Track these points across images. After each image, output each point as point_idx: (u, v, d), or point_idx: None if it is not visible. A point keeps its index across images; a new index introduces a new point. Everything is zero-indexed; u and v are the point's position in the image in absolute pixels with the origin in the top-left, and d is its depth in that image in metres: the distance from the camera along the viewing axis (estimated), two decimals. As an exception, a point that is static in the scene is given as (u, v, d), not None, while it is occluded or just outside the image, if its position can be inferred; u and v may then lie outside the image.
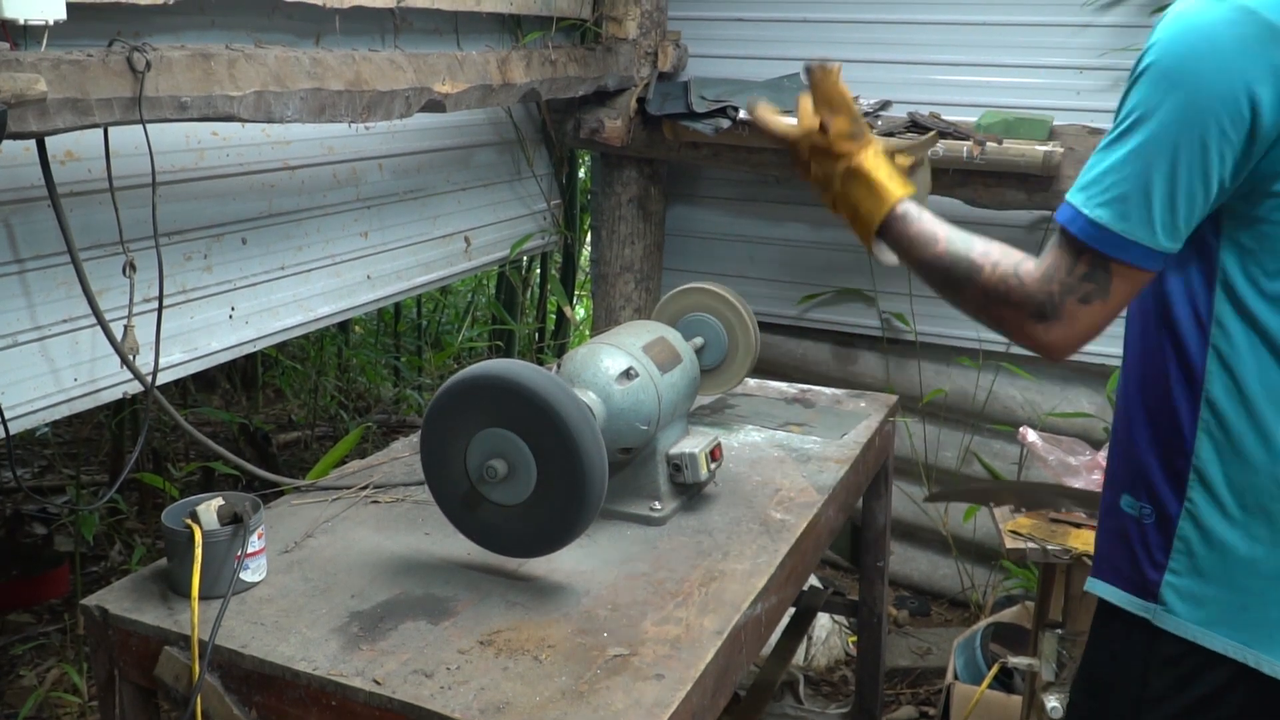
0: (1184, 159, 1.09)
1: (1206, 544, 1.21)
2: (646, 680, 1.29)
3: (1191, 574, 1.22)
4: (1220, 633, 1.20)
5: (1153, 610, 1.25)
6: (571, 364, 1.70)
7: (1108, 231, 1.12)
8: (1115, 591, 1.30)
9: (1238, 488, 1.19)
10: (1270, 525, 1.17)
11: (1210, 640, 1.21)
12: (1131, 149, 1.12)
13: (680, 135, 3.28)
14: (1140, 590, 1.26)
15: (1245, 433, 1.18)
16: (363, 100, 2.28)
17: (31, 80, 1.54)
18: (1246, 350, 1.17)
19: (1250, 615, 1.19)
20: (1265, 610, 1.19)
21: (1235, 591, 1.20)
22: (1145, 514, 1.26)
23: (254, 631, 1.38)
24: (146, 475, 3.32)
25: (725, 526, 1.74)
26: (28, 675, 2.99)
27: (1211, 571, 1.21)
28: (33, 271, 1.95)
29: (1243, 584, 1.19)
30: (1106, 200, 1.13)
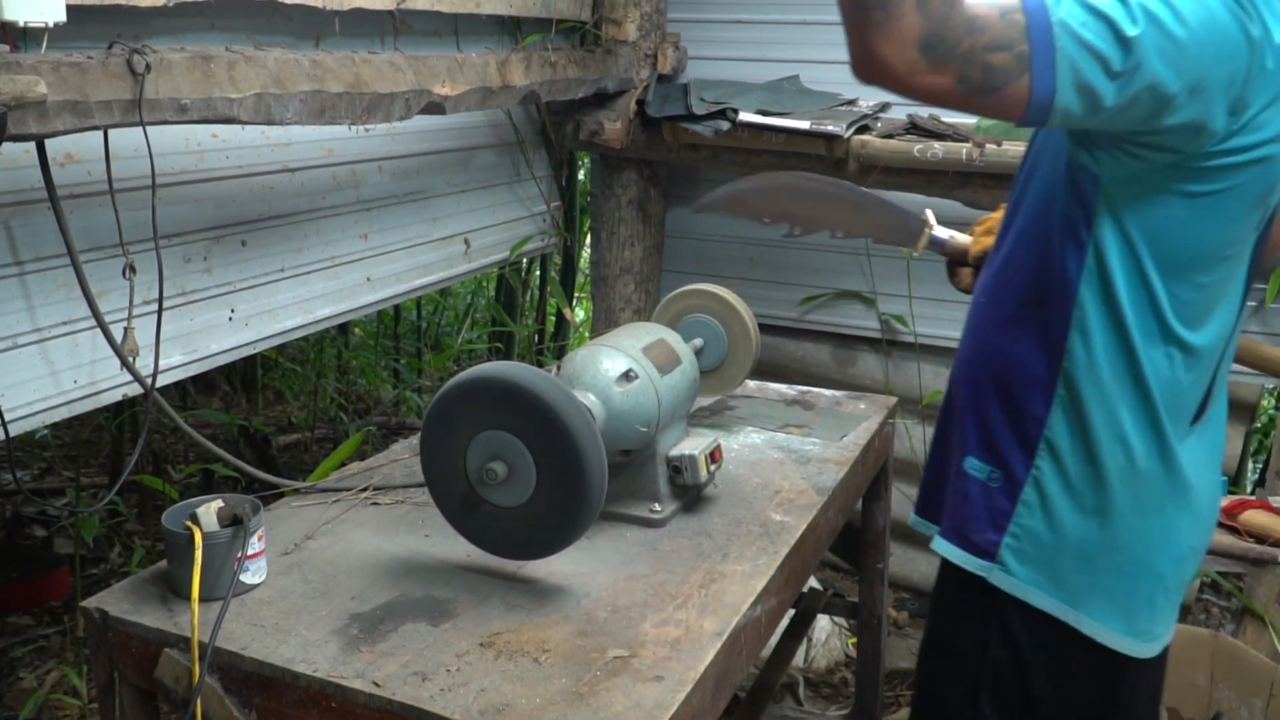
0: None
1: (1045, 510, 1.30)
2: (646, 682, 1.29)
3: (1029, 537, 1.31)
4: (1049, 593, 1.30)
5: (989, 569, 1.32)
6: (571, 366, 1.70)
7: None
8: (957, 552, 1.37)
9: (1082, 459, 1.27)
10: (1104, 496, 1.27)
11: (1040, 600, 1.30)
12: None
13: (680, 137, 3.28)
14: (980, 551, 1.34)
15: (1095, 409, 1.25)
16: (362, 102, 2.28)
17: (31, 82, 1.54)
18: (1102, 331, 1.23)
19: (1076, 578, 1.30)
20: (1090, 575, 1.29)
21: (1065, 555, 1.29)
22: (993, 477, 1.33)
23: (254, 633, 1.38)
24: (146, 477, 3.32)
25: (725, 528, 1.74)
26: (27, 677, 2.99)
27: (1047, 536, 1.30)
28: (32, 274, 1.95)
29: (1073, 549, 1.29)
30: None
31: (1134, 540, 1.30)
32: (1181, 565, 1.36)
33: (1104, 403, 1.26)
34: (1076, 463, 1.28)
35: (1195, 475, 1.31)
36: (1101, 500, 1.28)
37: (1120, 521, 1.29)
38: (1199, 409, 1.31)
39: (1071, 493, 1.29)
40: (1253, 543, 2.10)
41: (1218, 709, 2.63)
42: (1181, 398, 1.27)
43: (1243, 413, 3.18)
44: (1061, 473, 1.29)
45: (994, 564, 1.33)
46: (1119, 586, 1.31)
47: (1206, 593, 3.63)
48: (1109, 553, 1.29)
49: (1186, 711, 2.67)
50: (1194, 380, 1.27)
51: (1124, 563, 1.30)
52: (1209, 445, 1.35)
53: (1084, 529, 1.29)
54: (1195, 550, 1.38)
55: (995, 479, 1.34)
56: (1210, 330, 1.26)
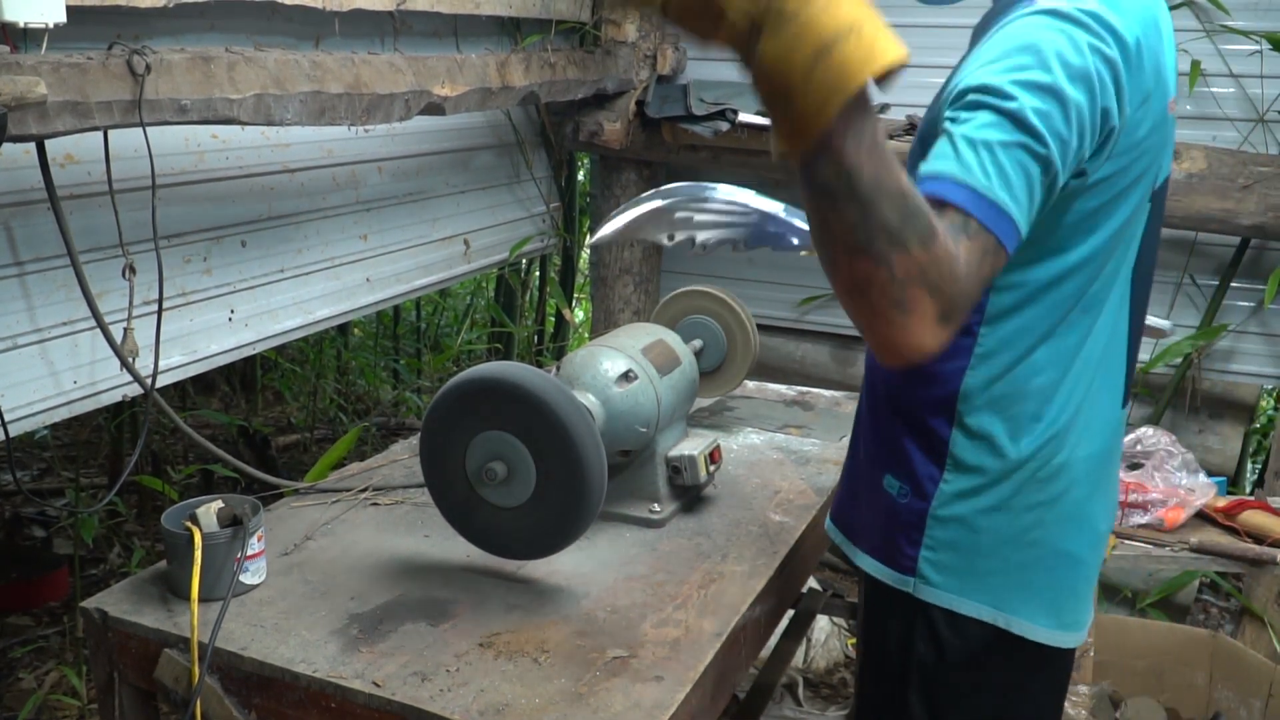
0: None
1: (956, 518, 1.30)
2: (646, 682, 1.29)
3: (944, 547, 1.32)
4: (974, 599, 1.31)
5: (912, 584, 1.34)
6: (571, 366, 1.70)
7: (992, 203, 1.02)
8: (879, 567, 1.39)
9: (985, 470, 1.28)
10: (1013, 492, 1.28)
11: (967, 607, 1.31)
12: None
13: (679, 138, 3.29)
14: (900, 566, 1.36)
15: (993, 421, 1.27)
16: (362, 103, 2.29)
17: (31, 83, 1.54)
18: (1001, 345, 1.26)
19: (998, 580, 1.30)
20: (1011, 574, 1.30)
21: (982, 559, 1.30)
22: (903, 493, 1.35)
23: (253, 634, 1.38)
24: (146, 478, 3.32)
25: (724, 529, 1.74)
26: (27, 678, 2.99)
27: (962, 542, 1.31)
28: (32, 274, 1.95)
29: (989, 551, 1.30)
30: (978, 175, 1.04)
31: (1047, 531, 1.30)
32: (1098, 549, 1.38)
33: (1001, 414, 1.27)
34: (979, 473, 1.29)
35: (1096, 459, 1.32)
36: (1010, 496, 1.29)
37: (1030, 515, 1.29)
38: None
39: (978, 495, 1.29)
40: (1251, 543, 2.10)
41: (1217, 709, 2.63)
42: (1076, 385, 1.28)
43: (1241, 413, 3.19)
44: (967, 478, 1.30)
45: (914, 578, 1.34)
46: (1040, 580, 1.32)
47: (1205, 593, 3.63)
48: (1026, 548, 1.30)
49: (1185, 712, 2.67)
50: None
51: (1043, 555, 1.31)
52: (1104, 424, 1.35)
53: (996, 528, 1.30)
54: (1106, 534, 1.40)
55: (904, 494, 1.35)
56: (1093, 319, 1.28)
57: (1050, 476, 1.28)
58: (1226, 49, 2.93)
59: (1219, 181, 2.80)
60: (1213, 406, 3.18)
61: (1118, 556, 2.07)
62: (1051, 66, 1.04)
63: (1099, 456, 1.32)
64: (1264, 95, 2.93)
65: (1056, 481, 1.29)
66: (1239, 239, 2.96)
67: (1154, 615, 3.05)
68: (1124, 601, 3.19)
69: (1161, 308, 3.12)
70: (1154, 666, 2.71)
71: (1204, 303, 3.09)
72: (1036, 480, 1.28)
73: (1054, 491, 1.29)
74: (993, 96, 1.05)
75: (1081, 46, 1.06)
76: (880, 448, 1.40)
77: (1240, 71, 2.95)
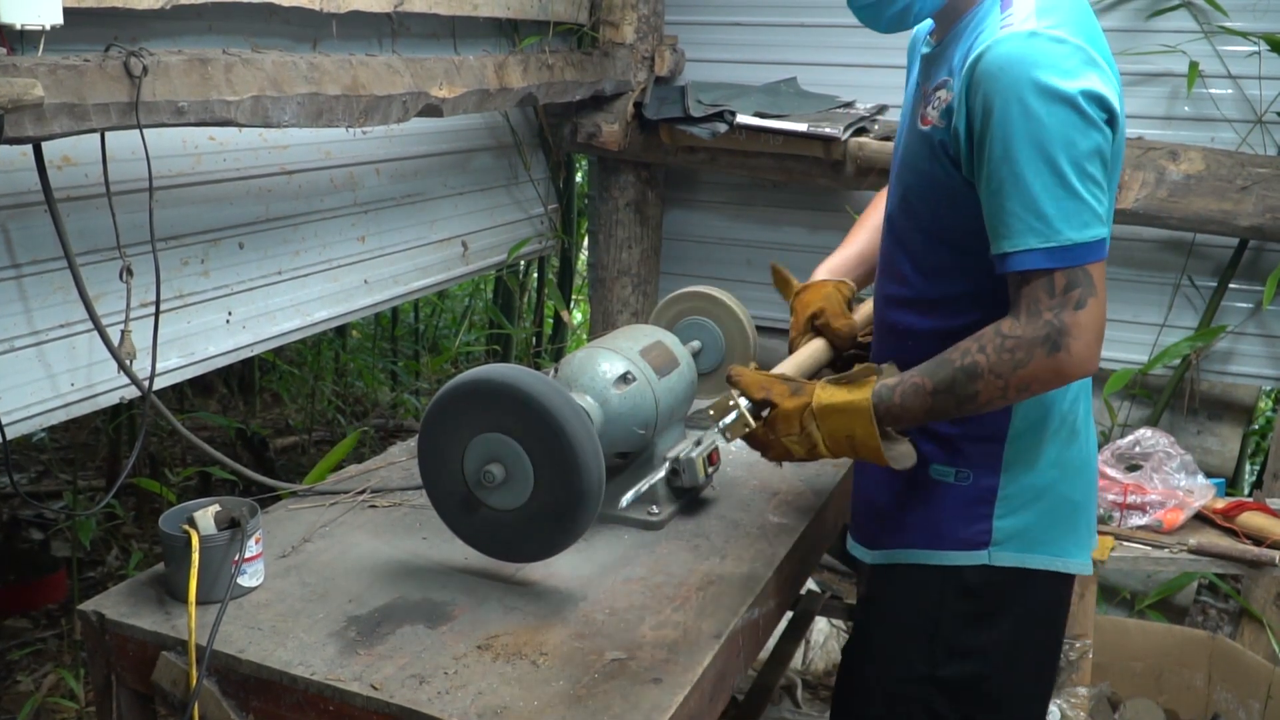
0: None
1: (1025, 486, 1.43)
2: (644, 684, 1.29)
3: (1016, 512, 1.44)
4: (1040, 552, 1.45)
5: (987, 554, 1.45)
6: (569, 368, 1.70)
7: (1076, 246, 1.23)
8: (944, 554, 1.47)
9: (1035, 432, 1.42)
10: (1058, 450, 1.44)
11: (1034, 561, 1.45)
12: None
13: (677, 139, 3.29)
14: (970, 543, 1.45)
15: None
16: (360, 105, 2.28)
17: (28, 85, 1.54)
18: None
19: (1057, 530, 1.45)
20: (1061, 523, 1.46)
21: (1046, 515, 1.45)
22: (962, 476, 1.45)
23: (251, 636, 1.38)
24: (144, 480, 3.32)
25: (723, 530, 1.74)
26: (25, 681, 2.98)
27: (1030, 506, 1.44)
28: (29, 277, 1.95)
29: (1050, 509, 1.45)
30: (1060, 224, 1.23)
31: (1081, 478, 1.49)
32: (1096, 481, 1.57)
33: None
34: (1031, 436, 1.43)
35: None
36: (1059, 455, 1.45)
37: (1074, 465, 1.47)
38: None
39: (1037, 463, 1.43)
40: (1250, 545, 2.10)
41: (1215, 711, 2.63)
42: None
43: (1240, 414, 3.18)
44: (1023, 450, 1.43)
45: (989, 549, 1.45)
46: (1077, 521, 1.49)
47: (1204, 595, 3.63)
48: (1067, 498, 1.46)
49: (1184, 713, 2.67)
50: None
51: (1079, 501, 1.48)
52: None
53: (1053, 484, 1.45)
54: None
55: (964, 477, 1.45)
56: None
57: (1075, 428, 1.46)
58: (1225, 50, 2.93)
59: (1217, 183, 2.80)
60: (1211, 408, 3.18)
61: (1116, 558, 2.07)
62: (1066, 175, 1.22)
63: (1090, 403, 1.51)
64: (1262, 96, 2.93)
65: (1078, 434, 1.46)
66: (1237, 240, 2.96)
67: (1153, 617, 3.05)
68: (1123, 603, 3.19)
69: (1160, 309, 3.12)
70: (1153, 668, 2.71)
71: (1202, 304, 3.09)
72: (1072, 432, 1.45)
73: (1078, 442, 1.47)
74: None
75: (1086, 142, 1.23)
76: (926, 443, 1.47)
77: (1238, 73, 2.95)
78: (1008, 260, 1.25)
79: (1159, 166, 2.84)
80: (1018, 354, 1.24)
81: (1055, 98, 1.20)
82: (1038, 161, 1.21)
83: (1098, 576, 2.06)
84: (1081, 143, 1.21)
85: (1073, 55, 1.22)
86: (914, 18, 1.38)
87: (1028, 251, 1.23)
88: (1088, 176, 1.22)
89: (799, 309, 1.80)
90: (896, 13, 1.37)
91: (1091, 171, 1.22)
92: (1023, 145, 1.21)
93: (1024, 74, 1.20)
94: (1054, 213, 1.21)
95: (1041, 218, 1.21)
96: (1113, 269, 3.15)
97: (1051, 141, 1.20)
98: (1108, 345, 1.42)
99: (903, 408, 1.34)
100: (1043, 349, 1.23)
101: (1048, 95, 1.20)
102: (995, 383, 1.27)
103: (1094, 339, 1.23)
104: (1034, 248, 1.22)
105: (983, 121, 1.24)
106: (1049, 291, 1.23)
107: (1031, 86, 1.20)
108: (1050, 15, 1.25)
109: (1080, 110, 1.21)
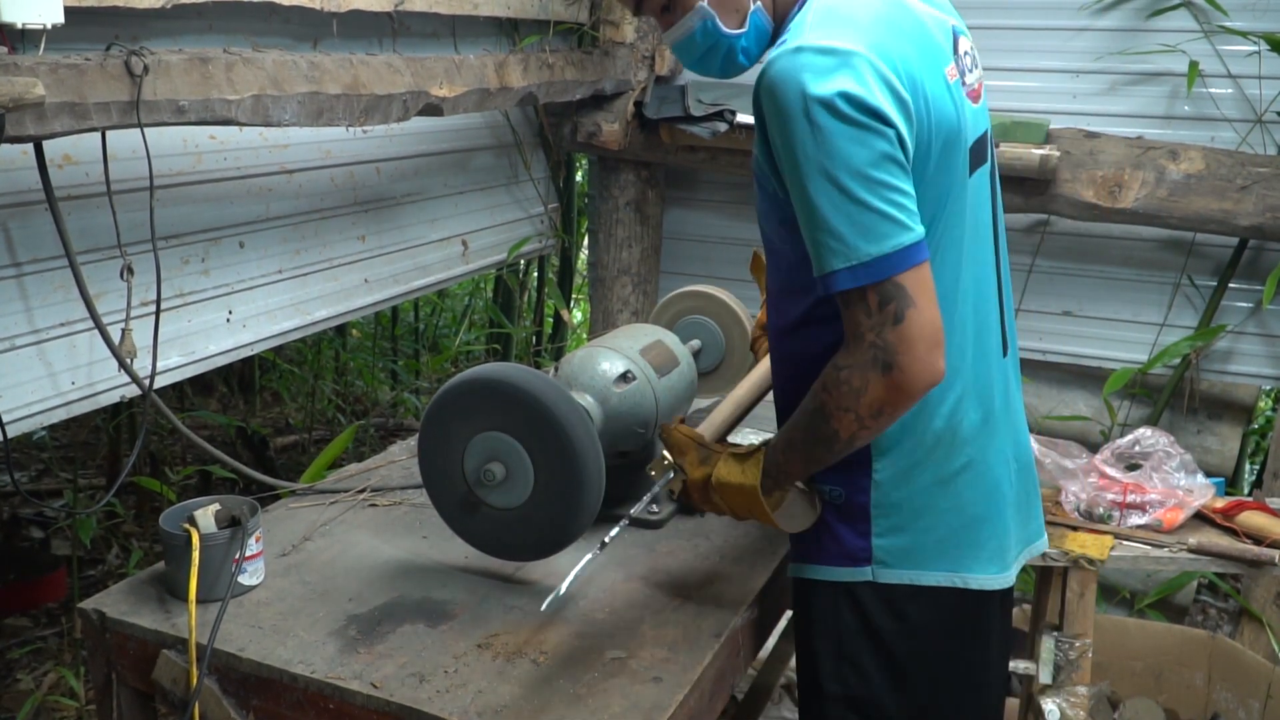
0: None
1: (898, 503, 1.38)
2: (644, 683, 1.29)
3: (893, 531, 1.39)
4: (932, 569, 1.39)
5: (870, 571, 1.40)
6: (569, 367, 1.70)
7: (876, 261, 1.18)
8: (827, 570, 1.43)
9: (905, 449, 1.36)
10: (936, 463, 1.37)
11: (926, 578, 1.39)
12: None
13: (677, 139, 3.29)
14: (854, 559, 1.40)
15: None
16: (360, 104, 2.28)
17: (29, 84, 1.54)
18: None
19: (948, 547, 1.39)
20: (953, 539, 1.39)
21: (930, 532, 1.38)
22: (835, 494, 1.41)
23: (252, 635, 1.38)
24: (144, 479, 3.32)
25: (722, 529, 1.74)
26: (25, 679, 2.99)
27: (907, 524, 1.38)
28: (30, 275, 1.95)
29: (931, 525, 1.38)
30: (856, 241, 1.18)
31: (971, 491, 1.40)
32: (1005, 493, 1.46)
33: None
34: (901, 454, 1.36)
35: (990, 411, 1.43)
36: (935, 468, 1.37)
37: (956, 480, 1.39)
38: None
39: (910, 475, 1.37)
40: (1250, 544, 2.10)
41: (1215, 710, 2.63)
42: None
43: (1240, 414, 3.19)
44: (892, 469, 1.37)
45: (871, 565, 1.40)
46: (981, 535, 1.41)
47: (1204, 594, 3.63)
48: (958, 511, 1.39)
49: (1184, 713, 2.67)
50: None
51: (975, 515, 1.40)
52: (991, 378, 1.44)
53: (932, 501, 1.38)
54: (1008, 475, 1.47)
55: (838, 495, 1.41)
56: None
57: (959, 441, 1.37)
58: (1225, 50, 2.93)
59: (1217, 182, 2.80)
60: (1211, 407, 3.18)
61: (1116, 557, 2.07)
62: (850, 189, 1.17)
63: (991, 409, 1.42)
64: (1262, 96, 2.93)
65: (966, 445, 1.38)
66: (1237, 239, 2.96)
67: (1152, 616, 3.05)
68: (1122, 602, 3.19)
69: (1160, 308, 3.13)
70: (1152, 667, 2.71)
71: (1202, 303, 3.09)
72: (952, 446, 1.37)
73: (966, 455, 1.38)
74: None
75: (862, 154, 1.17)
76: None
77: (1238, 72, 2.95)
78: (822, 284, 1.22)
79: (1159, 166, 2.84)
80: (854, 383, 1.21)
81: (824, 112, 1.16)
82: (820, 181, 1.17)
83: (1097, 575, 2.05)
84: (859, 152, 1.16)
85: (832, 63, 1.17)
86: (741, 54, 1.39)
87: (834, 273, 1.19)
88: (877, 184, 1.17)
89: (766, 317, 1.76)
90: (720, 62, 1.40)
91: (880, 178, 1.17)
92: (804, 168, 1.18)
93: (790, 94, 1.17)
94: (848, 231, 1.17)
95: (838, 238, 1.18)
96: (1113, 268, 3.16)
97: (828, 158, 1.17)
98: (1108, 345, 1.42)
99: (788, 463, 1.35)
100: (875, 372, 1.19)
101: (816, 111, 1.16)
102: (846, 417, 1.23)
103: (925, 350, 1.18)
104: (838, 269, 1.19)
105: (775, 146, 1.23)
106: (866, 311, 1.19)
107: (799, 106, 1.17)
108: (824, 25, 1.21)
109: (847, 119, 1.16)
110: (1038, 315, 3.24)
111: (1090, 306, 3.20)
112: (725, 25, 1.37)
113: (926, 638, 1.41)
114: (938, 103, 1.26)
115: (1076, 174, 2.89)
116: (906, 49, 1.24)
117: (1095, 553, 2.01)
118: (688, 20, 1.37)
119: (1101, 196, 2.87)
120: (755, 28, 1.37)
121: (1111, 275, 3.17)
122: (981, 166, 1.41)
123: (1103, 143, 2.90)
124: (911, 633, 1.41)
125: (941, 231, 1.30)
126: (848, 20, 1.22)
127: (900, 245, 1.18)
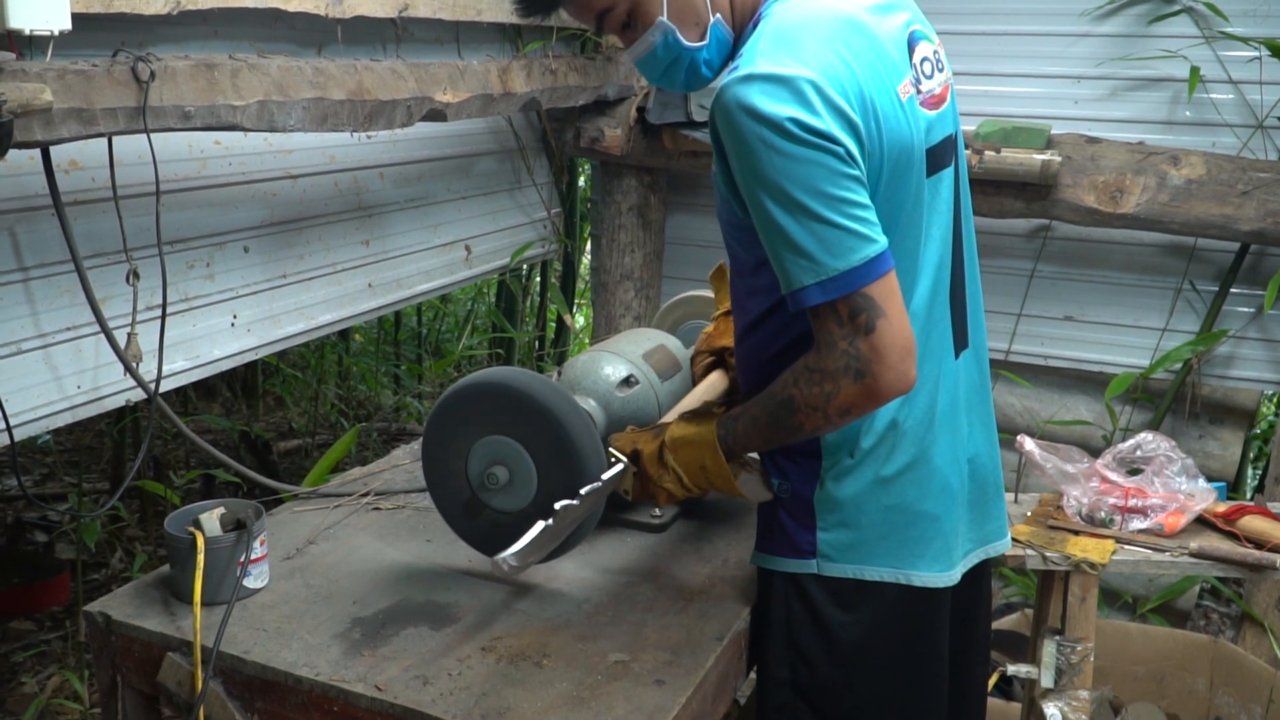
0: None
1: (842, 500, 1.41)
2: (647, 686, 1.30)
3: (838, 527, 1.42)
4: (875, 564, 1.42)
5: (815, 564, 1.43)
6: (572, 371, 1.71)
7: (844, 275, 1.21)
8: (776, 560, 1.47)
9: (848, 447, 1.39)
10: (878, 473, 1.40)
11: (870, 573, 1.42)
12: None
13: (680, 144, 3.29)
14: (799, 551, 1.44)
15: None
16: (364, 109, 2.30)
17: (37, 90, 1.55)
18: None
19: (891, 543, 1.42)
20: (896, 537, 1.41)
21: (873, 529, 1.41)
22: (783, 489, 1.44)
23: (256, 638, 1.38)
24: (148, 483, 3.32)
25: (726, 533, 1.75)
26: (29, 682, 2.99)
27: (851, 520, 1.41)
28: (37, 280, 1.96)
29: (874, 522, 1.41)
30: (822, 257, 1.21)
31: (916, 491, 1.42)
32: (956, 493, 1.47)
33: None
34: (845, 451, 1.40)
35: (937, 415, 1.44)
36: (879, 466, 1.40)
37: (900, 480, 1.41)
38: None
39: (854, 472, 1.40)
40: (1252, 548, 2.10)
41: (1217, 715, 2.63)
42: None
43: (1241, 418, 3.19)
44: (837, 465, 1.40)
45: (816, 559, 1.43)
46: (925, 533, 1.43)
47: (1206, 599, 3.63)
48: (903, 510, 1.42)
49: (1186, 717, 2.67)
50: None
51: (918, 514, 1.43)
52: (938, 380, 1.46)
53: (876, 498, 1.41)
54: (960, 475, 1.49)
55: (785, 490, 1.44)
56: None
57: (901, 440, 1.40)
58: (1226, 55, 2.94)
59: (1218, 187, 2.80)
60: (1213, 412, 3.18)
61: (1118, 561, 2.07)
62: (811, 208, 1.20)
63: (936, 409, 1.43)
64: (1263, 101, 2.93)
65: (909, 445, 1.40)
66: (1238, 245, 2.96)
67: (1154, 620, 3.05)
68: (1124, 607, 3.19)
69: (1161, 313, 3.13)
70: (1154, 672, 2.71)
71: (1204, 308, 3.09)
72: (895, 445, 1.40)
73: (909, 454, 1.41)
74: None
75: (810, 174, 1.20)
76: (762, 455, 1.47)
77: (1239, 78, 2.96)
78: (792, 301, 1.25)
79: (1160, 171, 2.85)
80: (825, 386, 1.25)
81: (776, 136, 1.18)
82: (782, 202, 1.20)
83: (1099, 579, 2.06)
84: (815, 171, 1.19)
85: (782, 91, 1.19)
86: (704, 66, 1.40)
87: (803, 289, 1.23)
88: (836, 200, 1.20)
89: (714, 335, 1.77)
90: (684, 75, 1.40)
91: (839, 194, 1.20)
92: (765, 191, 1.21)
93: (744, 122, 1.20)
94: (815, 248, 1.20)
95: (804, 255, 1.21)
96: (1115, 273, 3.16)
97: (787, 180, 1.19)
98: (1110, 350, 1.42)
99: (746, 437, 1.38)
100: (848, 378, 1.23)
101: (769, 136, 1.19)
102: (814, 415, 1.28)
103: (897, 358, 1.22)
104: (807, 284, 1.22)
105: (735, 170, 1.25)
106: (838, 322, 1.22)
107: (754, 133, 1.19)
108: (775, 49, 1.23)
109: (800, 140, 1.18)
110: (1039, 320, 3.25)
111: (1092, 311, 3.20)
112: (686, 39, 1.37)
113: (872, 630, 1.44)
114: (890, 121, 1.28)
115: (1078, 179, 2.90)
116: (857, 69, 1.25)
117: (1097, 557, 2.02)
118: (649, 35, 1.37)
119: (1103, 202, 2.88)
120: (716, 40, 1.38)
121: (1113, 280, 3.17)
122: (944, 170, 1.42)
123: (1104, 148, 2.91)
124: (858, 624, 1.43)
125: (895, 243, 1.31)
126: (797, 44, 1.23)
127: (866, 258, 1.21)
